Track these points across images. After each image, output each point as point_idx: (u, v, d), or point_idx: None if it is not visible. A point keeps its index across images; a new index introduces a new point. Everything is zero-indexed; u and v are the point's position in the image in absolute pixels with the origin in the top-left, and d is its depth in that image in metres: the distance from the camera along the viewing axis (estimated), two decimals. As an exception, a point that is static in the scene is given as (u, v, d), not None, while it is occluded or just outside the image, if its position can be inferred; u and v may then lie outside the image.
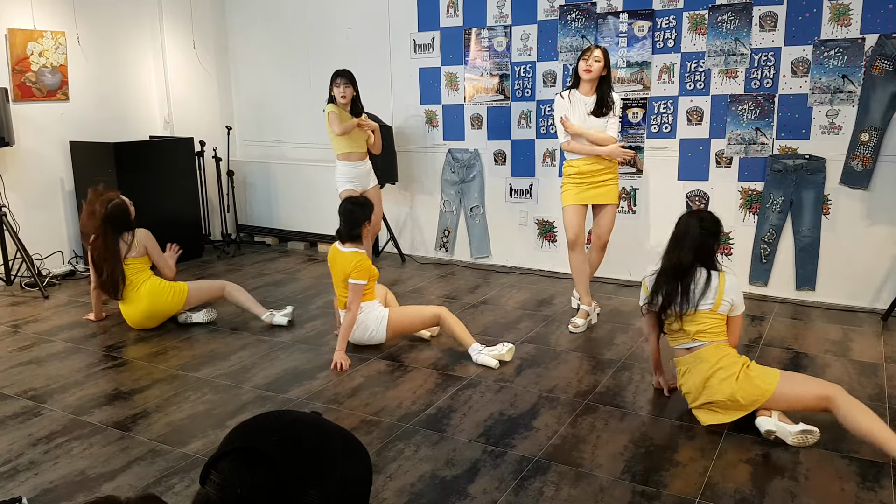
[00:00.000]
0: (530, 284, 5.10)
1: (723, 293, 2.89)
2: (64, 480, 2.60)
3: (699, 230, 2.92)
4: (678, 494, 2.43)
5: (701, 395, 2.88)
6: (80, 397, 3.32)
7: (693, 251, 2.91)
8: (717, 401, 2.83)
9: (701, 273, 2.91)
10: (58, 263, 5.52)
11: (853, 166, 4.30)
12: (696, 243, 2.91)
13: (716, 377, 2.82)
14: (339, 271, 3.76)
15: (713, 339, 2.90)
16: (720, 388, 2.81)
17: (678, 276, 2.91)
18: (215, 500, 0.85)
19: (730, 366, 2.83)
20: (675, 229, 3.00)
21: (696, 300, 2.88)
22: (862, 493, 2.43)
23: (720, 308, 2.89)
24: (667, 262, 2.97)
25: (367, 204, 3.84)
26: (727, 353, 2.88)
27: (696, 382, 2.89)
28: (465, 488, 2.49)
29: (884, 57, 4.12)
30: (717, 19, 4.54)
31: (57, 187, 5.60)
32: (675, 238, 2.98)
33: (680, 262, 2.91)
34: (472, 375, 3.48)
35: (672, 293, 2.91)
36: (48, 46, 5.38)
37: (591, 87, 4.03)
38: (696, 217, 2.98)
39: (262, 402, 3.23)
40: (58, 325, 4.38)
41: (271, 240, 6.66)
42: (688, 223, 2.96)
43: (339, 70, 4.67)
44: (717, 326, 2.92)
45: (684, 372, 2.97)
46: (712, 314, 2.90)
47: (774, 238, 4.60)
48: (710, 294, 2.88)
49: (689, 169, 4.79)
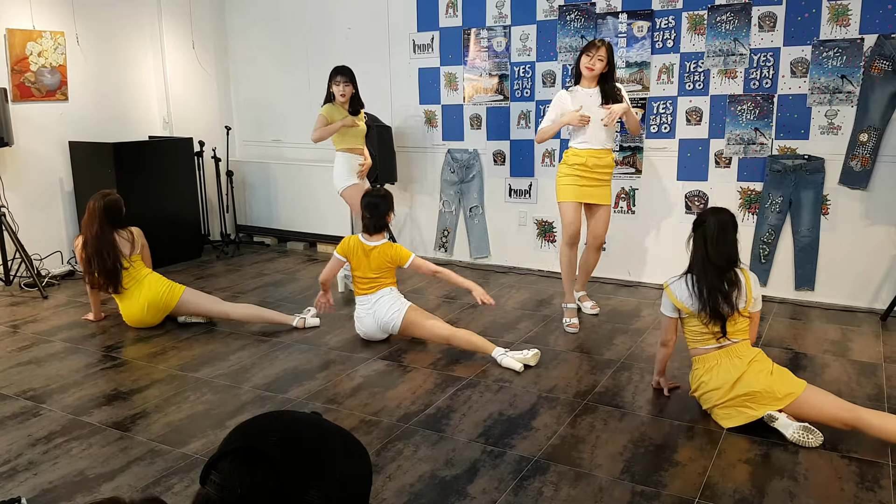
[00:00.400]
0: (529, 285, 5.11)
1: (751, 290, 2.92)
2: (63, 481, 2.59)
3: (731, 223, 2.91)
4: (677, 494, 2.43)
5: (732, 389, 2.84)
6: (79, 397, 3.32)
7: (735, 246, 2.90)
8: (754, 392, 2.80)
9: (735, 270, 2.92)
10: (57, 263, 5.52)
11: (852, 166, 4.30)
12: (734, 238, 2.91)
13: (752, 370, 2.84)
14: (370, 263, 3.86)
15: (743, 337, 2.94)
16: (756, 378, 2.81)
17: (722, 275, 2.88)
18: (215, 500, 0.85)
19: (763, 360, 2.89)
20: (706, 227, 2.92)
21: (733, 298, 2.89)
22: (861, 493, 2.43)
23: (752, 306, 2.93)
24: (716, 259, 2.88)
25: (387, 195, 4.01)
26: (757, 350, 2.93)
27: (727, 378, 2.86)
28: (465, 488, 2.49)
29: (882, 57, 4.12)
30: (717, 19, 4.54)
31: (56, 187, 5.59)
32: (715, 234, 2.88)
33: (730, 258, 2.88)
34: (471, 375, 3.48)
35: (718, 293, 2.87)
36: (47, 46, 5.38)
37: (593, 81, 4.03)
38: (725, 213, 2.95)
39: (261, 403, 3.23)
40: (57, 326, 4.38)
41: (270, 240, 6.66)
42: (721, 219, 2.91)
43: (339, 67, 4.68)
44: (746, 323, 2.96)
45: (711, 368, 2.92)
46: (745, 312, 2.93)
47: (773, 238, 4.60)
48: (743, 292, 2.91)
49: (689, 169, 4.80)
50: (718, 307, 2.88)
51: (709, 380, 2.93)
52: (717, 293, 2.88)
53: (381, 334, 3.94)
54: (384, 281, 3.90)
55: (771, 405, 2.80)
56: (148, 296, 4.18)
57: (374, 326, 3.90)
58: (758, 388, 2.80)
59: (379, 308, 3.86)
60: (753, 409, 2.82)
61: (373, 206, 3.90)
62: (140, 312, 4.20)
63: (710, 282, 2.89)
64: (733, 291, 2.88)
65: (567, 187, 4.10)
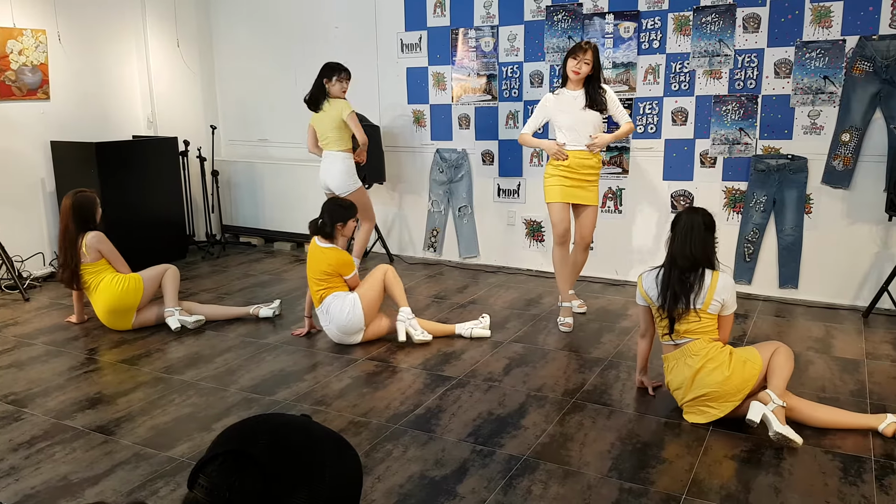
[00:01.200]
0: (518, 284, 5.11)
1: (713, 292, 2.89)
2: (46, 486, 2.56)
3: (703, 226, 2.93)
4: (665, 491, 2.45)
5: (690, 390, 2.89)
6: (62, 401, 3.28)
7: (702, 247, 2.91)
8: (708, 393, 2.84)
9: (699, 271, 2.92)
10: (38, 265, 5.46)
11: (835, 166, 4.35)
12: (702, 239, 2.92)
13: (704, 370, 2.84)
14: (318, 264, 3.87)
15: (701, 336, 2.92)
16: (709, 379, 2.83)
17: (683, 274, 2.90)
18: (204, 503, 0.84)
19: (716, 356, 2.86)
20: (677, 226, 2.97)
21: (691, 299, 2.90)
22: (844, 487, 2.45)
23: (710, 308, 2.90)
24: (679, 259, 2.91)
25: (349, 207, 4.00)
26: (713, 346, 2.90)
27: (684, 377, 2.90)
28: (454, 488, 2.49)
29: (864, 58, 4.17)
30: (702, 20, 4.57)
31: (38, 188, 5.53)
32: (682, 234, 2.93)
33: (694, 258, 2.89)
34: (460, 375, 3.48)
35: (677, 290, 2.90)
36: (28, 45, 5.31)
37: (579, 83, 4.05)
38: (698, 213, 2.97)
39: (247, 405, 3.21)
40: (39, 328, 4.32)
41: (257, 240, 6.62)
42: (691, 219, 2.94)
43: (339, 65, 4.75)
44: (707, 325, 2.92)
45: (672, 368, 2.98)
46: (702, 313, 2.90)
47: (758, 237, 4.64)
48: (703, 293, 2.90)
49: (674, 169, 4.82)
50: (669, 305, 2.92)
51: (671, 380, 2.99)
52: (671, 291, 2.91)
53: (352, 338, 3.89)
54: (330, 288, 3.85)
55: (729, 401, 2.83)
56: (109, 298, 4.13)
57: (339, 334, 3.87)
58: (711, 388, 2.83)
59: (334, 315, 3.82)
60: (714, 408, 2.87)
61: (325, 211, 3.90)
62: (106, 314, 4.18)
63: (669, 279, 2.93)
64: (691, 292, 2.89)
65: (553, 188, 4.12)
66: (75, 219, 4.12)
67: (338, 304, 3.82)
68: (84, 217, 4.14)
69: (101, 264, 4.20)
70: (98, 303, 4.18)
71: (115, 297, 4.13)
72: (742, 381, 2.81)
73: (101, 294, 4.15)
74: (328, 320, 3.86)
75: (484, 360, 3.68)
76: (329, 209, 3.91)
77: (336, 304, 3.82)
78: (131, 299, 4.17)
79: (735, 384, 2.81)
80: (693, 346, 2.91)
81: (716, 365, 2.83)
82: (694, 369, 2.86)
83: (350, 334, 3.86)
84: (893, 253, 4.27)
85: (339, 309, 3.81)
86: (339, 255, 3.87)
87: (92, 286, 4.18)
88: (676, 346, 2.97)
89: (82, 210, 4.13)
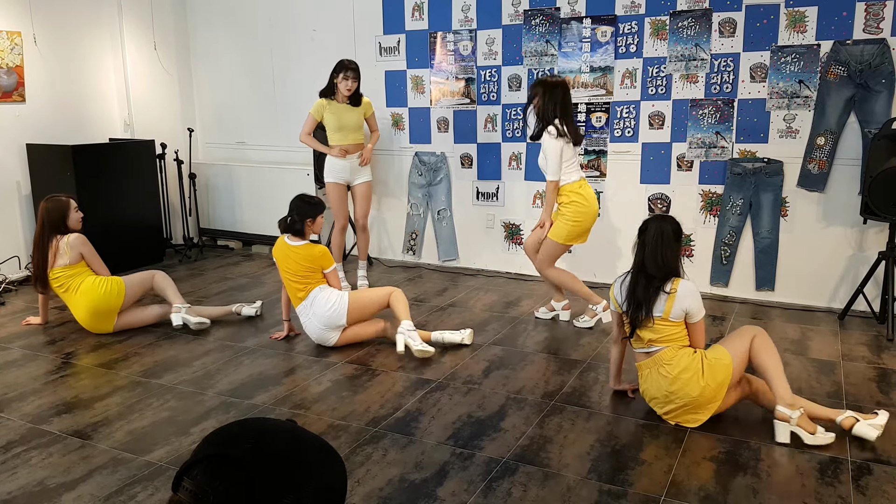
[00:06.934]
0: (497, 287, 5.13)
1: (674, 300, 2.88)
2: (22, 491, 2.52)
3: (673, 235, 2.94)
4: (644, 492, 2.47)
5: (669, 401, 2.90)
6: (38, 405, 3.23)
7: (672, 256, 2.92)
8: (687, 403, 2.87)
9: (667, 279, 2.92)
10: (14, 269, 5.37)
11: (810, 169, 4.42)
12: (672, 248, 2.93)
13: (679, 380, 2.85)
14: (293, 264, 3.84)
15: (670, 344, 2.92)
16: (688, 389, 2.85)
17: (649, 282, 2.91)
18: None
19: (689, 365, 2.85)
20: (646, 233, 2.96)
21: (651, 307, 2.90)
22: (821, 487, 2.49)
23: (671, 315, 2.89)
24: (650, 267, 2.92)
25: (319, 203, 3.97)
26: (684, 353, 2.89)
27: (659, 388, 2.91)
28: (434, 491, 2.49)
29: (838, 63, 4.25)
30: (678, 25, 4.63)
31: (13, 191, 5.44)
32: (653, 242, 2.92)
33: (665, 267, 2.90)
34: (440, 378, 3.48)
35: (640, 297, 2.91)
36: (3, 47, 5.23)
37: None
38: (667, 221, 2.98)
39: (226, 409, 3.19)
40: (14, 333, 4.25)
41: (235, 244, 6.56)
42: (661, 227, 2.94)
43: (348, 61, 4.83)
44: (674, 333, 2.92)
45: (646, 377, 2.98)
46: (664, 321, 2.90)
47: (734, 240, 4.70)
48: (662, 300, 2.89)
49: (651, 172, 4.87)
50: (631, 312, 2.94)
51: (646, 389, 3.00)
52: (634, 298, 2.93)
53: (331, 334, 3.85)
54: (313, 283, 3.86)
55: (711, 406, 2.87)
56: (87, 303, 4.10)
57: (319, 327, 3.83)
58: (693, 395, 2.85)
59: (318, 306, 3.81)
60: (697, 413, 2.90)
61: (294, 208, 3.88)
62: (87, 316, 4.14)
63: (634, 286, 2.94)
64: (654, 300, 2.90)
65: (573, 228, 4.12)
66: (48, 223, 4.14)
67: (324, 296, 3.82)
68: (55, 222, 4.14)
69: (80, 266, 4.17)
70: (79, 305, 4.14)
71: (97, 299, 4.10)
72: (717, 385, 2.84)
73: (82, 296, 4.11)
74: (311, 313, 3.83)
75: (464, 362, 3.69)
76: (297, 206, 3.88)
77: (323, 296, 3.82)
78: (114, 301, 4.14)
79: (712, 390, 2.84)
80: (664, 355, 2.91)
81: (690, 375, 2.84)
82: (668, 380, 2.87)
83: (330, 328, 3.83)
84: (868, 255, 4.34)
85: (325, 299, 3.81)
86: (313, 250, 3.83)
87: (71, 288, 4.14)
88: (648, 355, 2.97)
89: (51, 215, 4.15)
